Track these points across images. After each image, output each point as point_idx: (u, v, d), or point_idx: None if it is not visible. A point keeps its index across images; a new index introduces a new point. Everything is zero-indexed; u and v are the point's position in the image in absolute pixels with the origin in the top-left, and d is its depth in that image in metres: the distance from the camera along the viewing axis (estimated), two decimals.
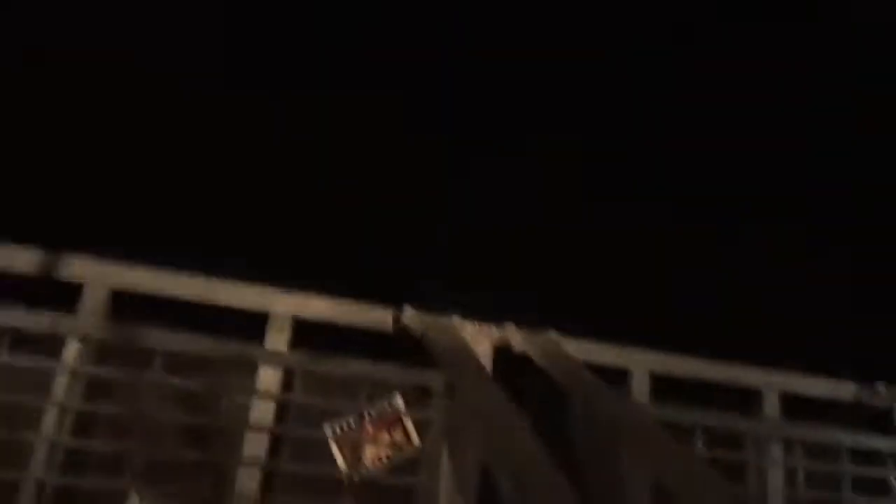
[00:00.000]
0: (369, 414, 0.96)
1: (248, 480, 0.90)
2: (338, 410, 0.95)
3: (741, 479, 1.12)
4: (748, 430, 1.14)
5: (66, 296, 0.89)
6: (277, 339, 0.94)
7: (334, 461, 0.95)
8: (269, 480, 0.92)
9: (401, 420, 0.97)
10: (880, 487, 1.20)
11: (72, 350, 0.87)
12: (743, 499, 1.02)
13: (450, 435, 0.98)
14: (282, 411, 0.93)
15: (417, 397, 0.99)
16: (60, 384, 0.86)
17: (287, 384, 0.94)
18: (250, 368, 0.93)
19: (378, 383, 0.96)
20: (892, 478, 1.19)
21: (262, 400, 0.92)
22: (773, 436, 1.15)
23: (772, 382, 1.18)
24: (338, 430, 0.95)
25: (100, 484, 0.87)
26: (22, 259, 0.88)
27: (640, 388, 1.11)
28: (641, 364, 1.11)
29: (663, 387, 1.13)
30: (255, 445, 0.91)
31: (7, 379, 0.85)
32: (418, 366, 0.98)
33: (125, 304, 0.91)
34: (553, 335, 1.09)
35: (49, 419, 0.85)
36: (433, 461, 0.97)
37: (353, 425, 0.95)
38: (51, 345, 0.88)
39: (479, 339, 1.04)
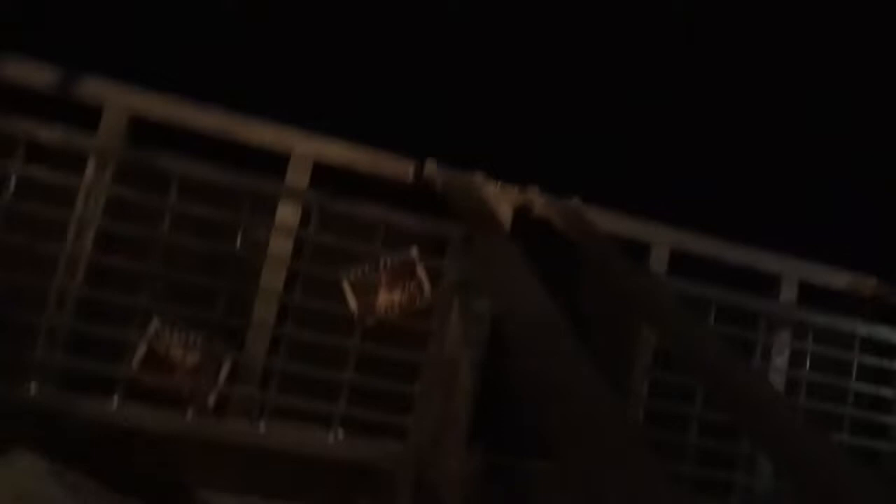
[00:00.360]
0: (384, 261, 0.95)
1: (264, 312, 0.92)
2: (353, 255, 0.94)
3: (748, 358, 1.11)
4: (763, 311, 1.12)
5: (85, 119, 0.88)
6: (297, 180, 0.93)
7: (347, 303, 0.95)
8: (283, 314, 0.92)
9: (415, 269, 0.97)
10: (886, 379, 1.19)
11: (91, 169, 0.87)
12: (751, 368, 1.01)
13: (463, 286, 0.98)
14: (297, 252, 0.93)
15: (433, 248, 0.97)
16: (81, 201, 0.87)
17: (304, 224, 0.93)
18: (268, 206, 0.92)
19: (394, 232, 0.95)
20: None
21: (280, 235, 0.91)
22: (787, 319, 1.13)
23: (792, 269, 1.15)
24: (353, 275, 0.95)
25: (120, 300, 0.88)
26: (41, 76, 0.87)
27: (658, 263, 1.09)
28: (662, 239, 1.09)
29: (681, 267, 1.11)
30: (272, 278, 0.92)
31: (27, 192, 0.86)
32: (436, 218, 0.97)
33: (145, 133, 0.90)
34: (576, 202, 1.07)
35: (70, 234, 0.86)
36: (444, 311, 0.97)
37: (367, 271, 0.95)
38: (71, 166, 0.88)
39: (501, 199, 1.02)
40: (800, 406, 1.07)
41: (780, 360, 1.14)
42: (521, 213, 1.03)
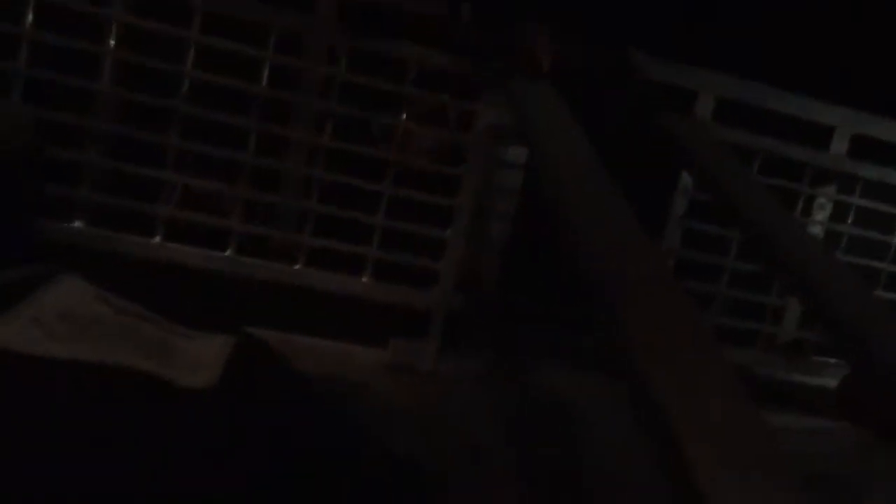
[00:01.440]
0: (416, 103, 0.89)
1: (295, 155, 0.88)
2: (384, 96, 0.89)
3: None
4: (811, 163, 1.05)
5: None
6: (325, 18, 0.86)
7: (377, 147, 0.91)
8: (314, 157, 0.89)
9: (446, 112, 0.91)
10: None
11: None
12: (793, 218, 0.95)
13: (497, 131, 0.92)
14: (326, 92, 0.88)
15: (467, 91, 0.91)
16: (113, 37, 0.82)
17: (332, 63, 0.87)
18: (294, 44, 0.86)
19: (426, 73, 0.88)
20: None
21: (308, 73, 0.86)
22: (836, 171, 1.06)
23: (844, 119, 1.06)
24: (383, 117, 0.90)
25: (155, 138, 0.85)
26: None
27: (704, 111, 1.01)
28: (709, 86, 1.00)
29: (728, 116, 1.03)
30: (302, 118, 0.88)
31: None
32: (470, 60, 0.90)
33: None
34: (621, 51, 0.98)
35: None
36: (477, 157, 0.92)
37: (399, 114, 0.89)
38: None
39: (540, 44, 0.94)
40: (837, 258, 1.02)
41: (823, 214, 1.08)
42: (561, 60, 0.95)
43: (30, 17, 0.80)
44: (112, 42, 0.82)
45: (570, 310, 1.01)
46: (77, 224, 0.83)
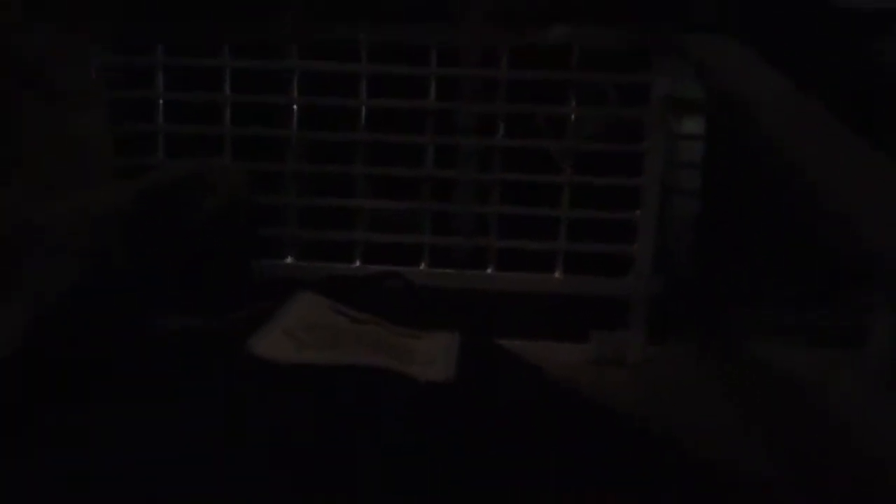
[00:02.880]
0: (579, 87, 0.83)
1: (467, 159, 0.86)
2: (547, 85, 0.84)
3: None
4: None
5: None
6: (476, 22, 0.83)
7: (546, 139, 0.86)
8: (486, 159, 0.86)
9: (610, 91, 0.84)
10: None
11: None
12: None
13: (673, 101, 0.83)
14: (490, 93, 0.85)
15: (635, 62, 0.83)
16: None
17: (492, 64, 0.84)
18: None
19: (589, 52, 0.82)
20: None
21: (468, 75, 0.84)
22: None
23: None
24: (548, 108, 0.85)
25: (340, 169, 0.87)
26: None
27: None
28: None
29: None
30: (468, 123, 0.85)
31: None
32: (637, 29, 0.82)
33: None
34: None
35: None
36: (655, 131, 0.83)
37: (563, 102, 0.84)
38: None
39: None
40: None
41: None
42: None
43: (227, 83, 0.85)
44: (295, 91, 0.85)
45: (778, 285, 0.89)
46: (288, 259, 0.87)
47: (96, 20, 0.83)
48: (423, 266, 0.87)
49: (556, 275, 0.87)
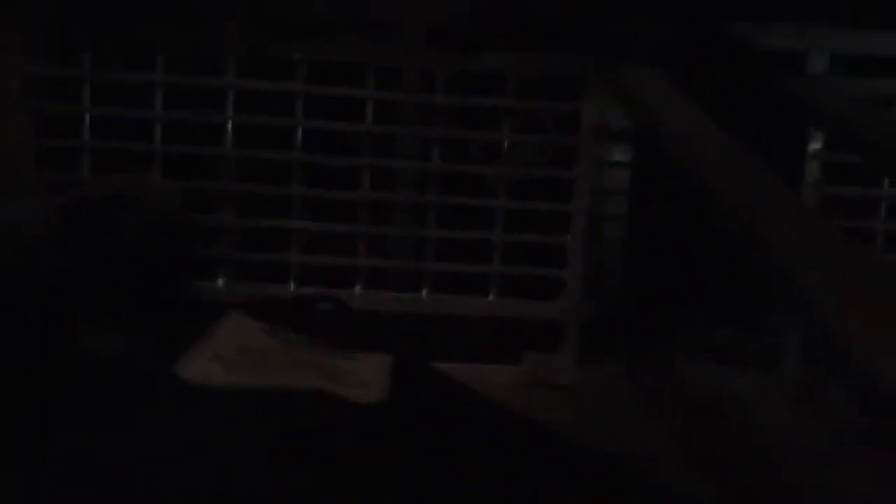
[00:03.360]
0: (512, 114, 0.85)
1: (404, 184, 0.86)
2: (480, 111, 0.85)
3: None
4: None
5: None
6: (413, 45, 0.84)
7: (480, 163, 0.87)
8: (422, 182, 0.86)
9: (545, 117, 0.86)
10: None
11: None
12: None
13: (601, 130, 0.86)
14: (427, 117, 0.86)
15: (565, 92, 0.86)
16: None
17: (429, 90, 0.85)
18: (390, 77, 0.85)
19: (521, 79, 0.84)
20: None
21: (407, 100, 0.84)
22: None
23: None
24: (482, 134, 0.86)
25: (276, 191, 0.86)
26: None
27: (816, 70, 0.90)
28: (820, 43, 0.89)
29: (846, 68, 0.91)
30: (406, 148, 0.86)
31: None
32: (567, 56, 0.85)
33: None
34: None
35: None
36: (585, 157, 0.86)
37: (498, 127, 0.86)
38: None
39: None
40: None
41: None
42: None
43: (159, 99, 0.83)
44: (231, 108, 0.84)
45: (704, 306, 0.93)
46: (221, 281, 0.85)
47: (17, 22, 0.80)
48: (358, 289, 0.87)
49: (490, 298, 0.87)
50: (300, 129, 0.85)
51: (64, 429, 0.46)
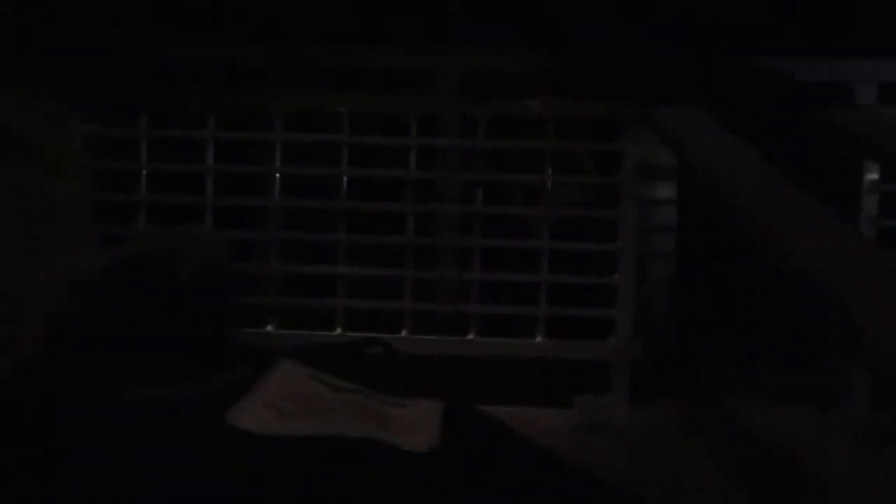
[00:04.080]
0: (553, 156, 0.85)
1: (446, 228, 0.87)
2: (521, 155, 0.86)
3: None
4: None
5: None
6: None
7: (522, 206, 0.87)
8: (465, 227, 0.87)
9: (585, 159, 0.86)
10: None
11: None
12: None
13: (644, 169, 0.85)
14: (467, 163, 0.86)
15: (607, 133, 0.86)
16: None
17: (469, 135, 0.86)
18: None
19: (561, 121, 0.84)
20: None
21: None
22: None
23: None
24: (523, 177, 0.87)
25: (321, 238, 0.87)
26: None
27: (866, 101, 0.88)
28: (867, 75, 0.88)
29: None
30: (448, 192, 0.87)
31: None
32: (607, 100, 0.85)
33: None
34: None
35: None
36: (628, 197, 0.85)
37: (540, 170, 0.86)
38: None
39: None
40: None
41: None
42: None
43: (211, 154, 0.86)
44: (278, 160, 0.86)
45: (755, 346, 0.90)
46: (269, 327, 0.86)
47: (78, 87, 0.84)
48: (404, 333, 0.87)
49: (538, 339, 0.87)
50: (345, 179, 0.86)
51: (117, 478, 0.47)
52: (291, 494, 0.44)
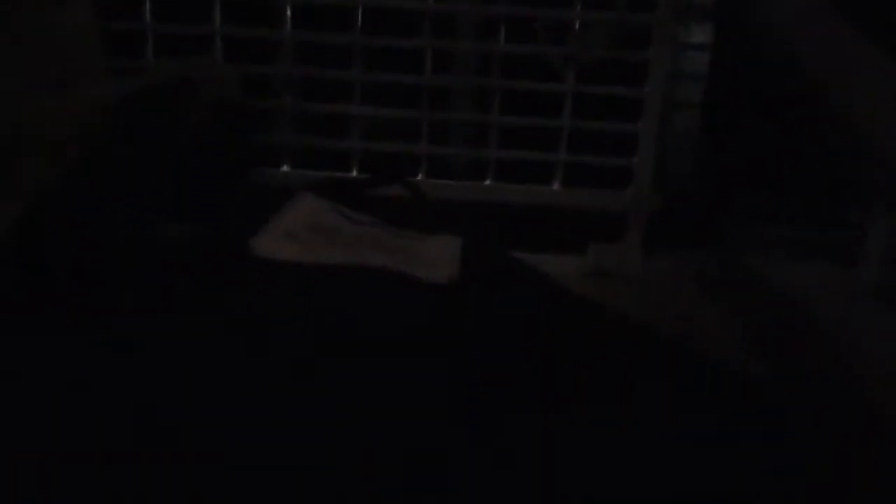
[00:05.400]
0: None
1: (466, 65, 0.83)
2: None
3: None
4: None
5: None
6: None
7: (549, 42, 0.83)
8: (485, 66, 0.83)
9: None
10: None
11: None
12: None
13: (680, 8, 0.80)
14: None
15: None
16: None
17: None
18: None
19: None
20: None
21: None
22: None
23: None
24: (550, 14, 0.82)
25: (337, 75, 0.84)
26: None
27: None
28: None
29: None
30: (467, 24, 0.82)
31: None
32: None
33: None
34: None
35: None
36: (661, 39, 0.81)
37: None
38: None
39: None
40: None
41: None
42: None
43: None
44: None
45: (775, 201, 0.89)
46: (284, 167, 0.85)
47: None
48: (420, 176, 0.86)
49: (555, 187, 0.86)
50: (360, 10, 0.82)
51: (149, 310, 0.48)
52: (308, 321, 0.45)
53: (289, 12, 0.82)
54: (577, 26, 0.82)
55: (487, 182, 0.85)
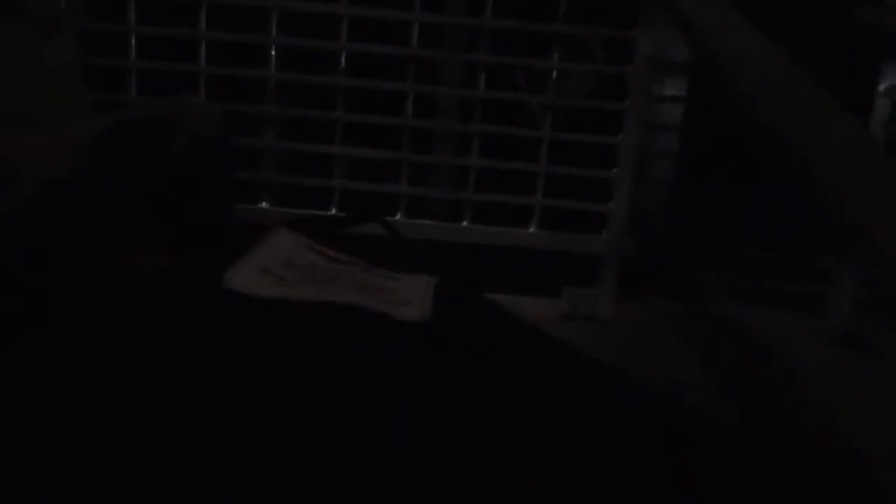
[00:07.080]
0: (561, 42, 0.83)
1: (447, 109, 0.85)
2: (527, 38, 0.83)
3: None
4: None
5: None
6: None
7: (526, 93, 0.86)
8: (466, 111, 0.85)
9: (596, 47, 0.84)
10: None
11: None
12: None
13: (656, 61, 0.83)
14: (471, 44, 0.84)
15: (619, 20, 0.83)
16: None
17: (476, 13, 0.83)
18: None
19: (572, 8, 0.81)
20: None
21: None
22: None
23: None
24: (527, 61, 0.84)
25: (319, 115, 0.86)
26: None
27: None
28: None
29: None
30: (449, 76, 0.84)
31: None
32: None
33: None
34: None
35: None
36: (637, 90, 0.84)
37: (545, 55, 0.84)
38: None
39: None
40: None
41: None
42: None
43: (203, 19, 0.83)
44: (274, 30, 0.83)
45: (747, 250, 0.92)
46: (263, 204, 0.86)
47: None
48: (399, 216, 0.87)
49: (532, 230, 0.87)
50: (344, 54, 0.84)
51: (113, 340, 0.47)
52: (279, 355, 0.45)
53: (274, 51, 0.84)
54: (554, 74, 0.84)
55: (465, 223, 0.87)
